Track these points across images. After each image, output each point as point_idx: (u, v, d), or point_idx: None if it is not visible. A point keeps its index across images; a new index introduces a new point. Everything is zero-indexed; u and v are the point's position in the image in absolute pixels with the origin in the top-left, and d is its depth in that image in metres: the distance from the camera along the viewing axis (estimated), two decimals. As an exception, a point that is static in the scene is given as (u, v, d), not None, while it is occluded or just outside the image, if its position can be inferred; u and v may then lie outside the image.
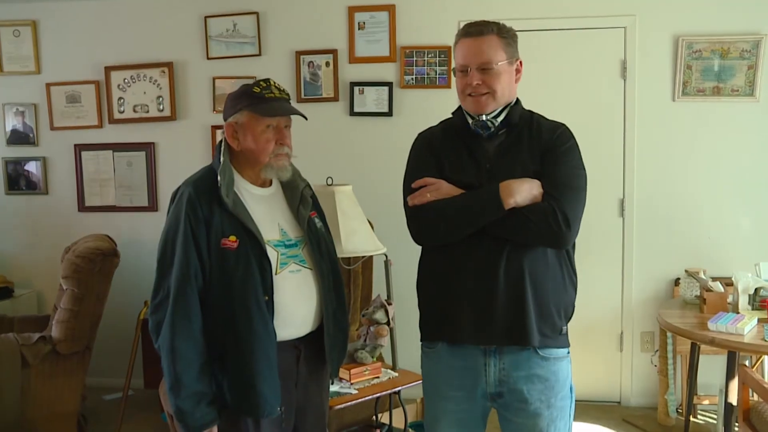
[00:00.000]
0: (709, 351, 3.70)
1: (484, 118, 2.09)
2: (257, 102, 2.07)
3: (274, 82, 2.14)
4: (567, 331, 2.14)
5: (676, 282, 4.18)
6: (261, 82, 2.12)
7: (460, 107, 2.19)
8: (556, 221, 1.99)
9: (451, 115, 2.24)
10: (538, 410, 2.08)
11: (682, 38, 4.11)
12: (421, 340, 2.24)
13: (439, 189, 2.08)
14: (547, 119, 2.19)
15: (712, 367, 3.99)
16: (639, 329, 4.33)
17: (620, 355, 4.37)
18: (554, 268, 2.09)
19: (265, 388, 2.02)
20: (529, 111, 2.20)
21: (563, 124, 2.16)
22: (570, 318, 2.16)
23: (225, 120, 2.14)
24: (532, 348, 2.06)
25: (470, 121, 2.12)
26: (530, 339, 2.03)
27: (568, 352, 2.16)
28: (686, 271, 3.81)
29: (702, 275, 3.70)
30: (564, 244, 2.06)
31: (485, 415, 2.22)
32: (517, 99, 2.17)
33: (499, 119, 2.10)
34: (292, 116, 2.16)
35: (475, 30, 2.07)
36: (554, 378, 2.10)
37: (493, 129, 2.10)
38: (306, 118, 2.15)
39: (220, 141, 2.17)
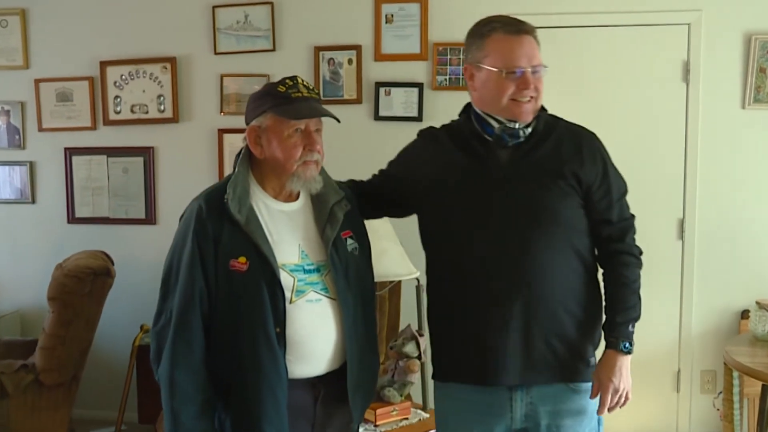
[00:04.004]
0: (783, 395, 3.59)
1: (517, 126, 2.07)
2: (282, 102, 2.02)
3: (302, 80, 2.09)
4: (595, 361, 2.19)
5: (744, 314, 4.08)
6: (287, 80, 2.07)
7: (468, 110, 2.17)
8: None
9: (458, 118, 2.23)
10: None
11: (755, 37, 4.03)
12: (432, 377, 2.28)
13: None
14: (572, 123, 2.21)
15: (785, 412, 3.86)
16: (699, 367, 4.23)
17: (677, 396, 4.27)
18: (583, 287, 2.14)
19: None
20: (553, 115, 2.20)
21: (592, 132, 2.21)
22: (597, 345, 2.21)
23: (247, 124, 2.08)
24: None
25: (496, 126, 2.08)
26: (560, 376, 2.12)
27: None
28: (757, 302, 3.72)
29: (776, 308, 3.61)
30: None
31: None
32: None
33: (530, 128, 2.11)
34: (323, 119, 2.10)
35: (515, 28, 2.06)
36: (584, 411, 2.14)
37: (523, 138, 2.09)
38: (339, 121, 2.11)
39: (242, 148, 2.12)
